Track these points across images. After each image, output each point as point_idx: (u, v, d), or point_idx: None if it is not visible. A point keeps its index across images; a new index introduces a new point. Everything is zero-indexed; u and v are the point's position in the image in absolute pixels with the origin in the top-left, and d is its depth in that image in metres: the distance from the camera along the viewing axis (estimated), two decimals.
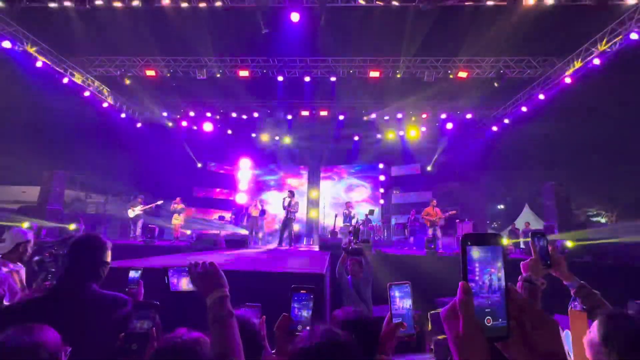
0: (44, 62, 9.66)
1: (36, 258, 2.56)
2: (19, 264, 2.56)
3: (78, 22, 8.65)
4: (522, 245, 10.84)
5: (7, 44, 8.69)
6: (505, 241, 7.54)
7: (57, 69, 10.16)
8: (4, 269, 2.40)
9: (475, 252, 0.50)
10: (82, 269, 1.62)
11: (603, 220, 20.12)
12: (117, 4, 7.77)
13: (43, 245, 3.53)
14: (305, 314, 1.20)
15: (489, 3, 7.43)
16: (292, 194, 9.04)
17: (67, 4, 7.70)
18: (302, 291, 1.22)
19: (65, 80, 10.42)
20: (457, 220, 10.93)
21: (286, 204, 8.77)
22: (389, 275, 6.28)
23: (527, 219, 17.00)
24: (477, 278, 0.49)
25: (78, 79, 10.73)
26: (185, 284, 1.23)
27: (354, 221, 10.65)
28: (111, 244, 1.76)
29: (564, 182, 10.00)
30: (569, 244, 7.00)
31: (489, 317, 0.47)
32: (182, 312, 1.37)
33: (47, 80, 10.01)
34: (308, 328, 1.13)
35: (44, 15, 8.26)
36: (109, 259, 1.72)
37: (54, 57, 10.04)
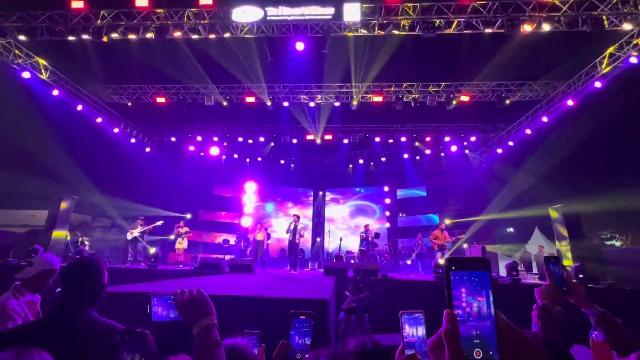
0: (60, 91, 10.12)
1: (60, 289, 2.45)
2: (36, 294, 2.38)
3: (93, 52, 9.12)
4: (535, 270, 10.48)
5: (26, 75, 9.16)
6: (517, 266, 7.29)
7: (72, 97, 10.62)
8: (22, 299, 2.24)
9: (461, 278, 0.47)
10: (79, 293, 1.59)
11: (617, 244, 19.45)
12: (132, 37, 8.19)
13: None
14: (305, 341, 1.14)
15: (487, 31, 7.66)
16: (297, 218, 9.07)
17: (85, 36, 8.14)
18: (301, 317, 1.17)
19: (80, 107, 10.85)
20: (465, 245, 10.69)
21: (292, 227, 8.79)
22: (396, 302, 6.06)
23: (538, 242, 16.50)
24: (463, 305, 0.46)
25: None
26: (169, 312, 1.17)
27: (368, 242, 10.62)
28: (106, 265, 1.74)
29: (574, 204, 9.80)
30: (582, 267, 6.74)
31: (479, 350, 0.44)
32: (173, 342, 1.31)
33: (62, 107, 10.43)
34: (307, 356, 1.08)
35: (62, 46, 8.73)
36: (105, 280, 1.69)
37: (69, 86, 10.52)
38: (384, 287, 6.78)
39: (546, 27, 7.45)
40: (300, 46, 8.22)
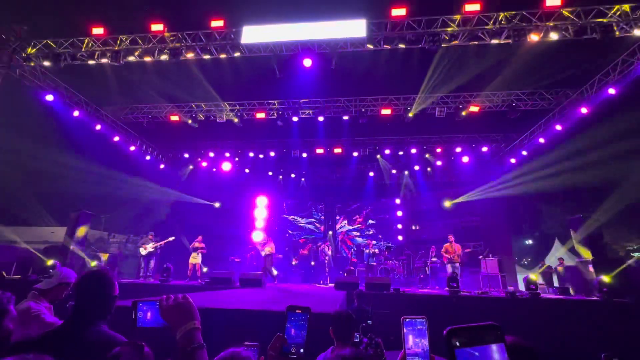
0: (80, 112, 10.62)
1: (72, 303, 2.56)
2: (50, 304, 2.53)
3: (111, 74, 9.57)
4: (556, 284, 10.02)
5: (50, 97, 9.67)
6: (534, 277, 6.97)
7: (91, 117, 11.12)
8: (41, 304, 2.40)
9: (470, 358, 0.34)
10: (91, 305, 1.63)
11: None
12: (148, 59, 8.58)
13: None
14: (300, 334, 1.13)
15: (494, 42, 7.67)
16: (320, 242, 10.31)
17: (104, 60, 8.59)
18: (297, 310, 1.16)
19: (98, 127, 11.31)
20: (480, 257, 10.37)
21: (318, 250, 9.88)
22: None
23: (559, 254, 15.89)
24: None
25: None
26: (155, 318, 1.18)
27: (370, 257, 10.58)
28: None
29: (595, 214, 9.41)
30: (606, 279, 6.41)
31: None
32: (160, 348, 1.31)
33: (81, 127, 10.92)
34: (302, 350, 1.07)
35: (82, 69, 9.22)
36: (116, 292, 1.72)
37: (89, 107, 11.03)
38: (396, 302, 6.63)
39: (554, 36, 7.40)
40: (307, 63, 8.41)
